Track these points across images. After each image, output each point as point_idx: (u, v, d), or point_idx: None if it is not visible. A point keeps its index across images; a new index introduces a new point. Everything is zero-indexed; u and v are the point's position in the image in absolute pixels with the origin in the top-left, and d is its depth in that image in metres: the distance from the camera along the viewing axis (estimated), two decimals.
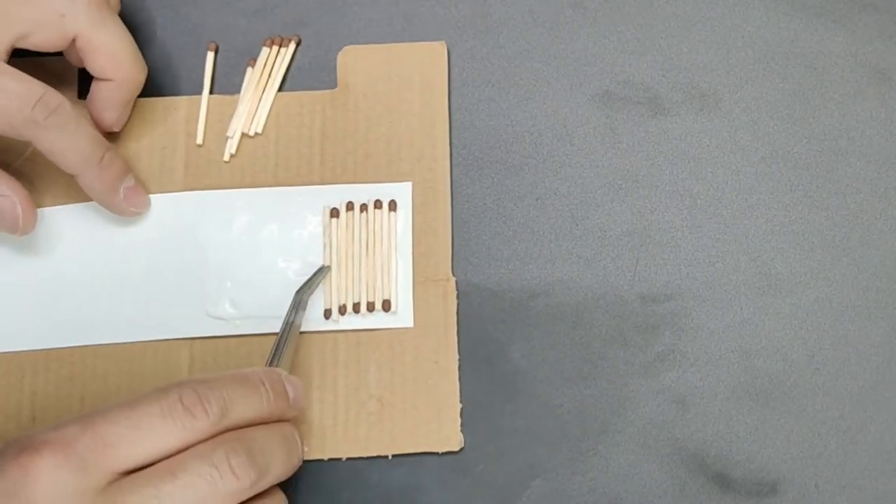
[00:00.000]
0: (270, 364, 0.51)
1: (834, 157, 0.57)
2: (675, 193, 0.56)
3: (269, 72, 0.57)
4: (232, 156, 0.56)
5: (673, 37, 0.58)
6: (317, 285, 0.54)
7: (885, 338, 0.54)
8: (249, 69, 0.57)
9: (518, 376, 0.54)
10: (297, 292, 0.53)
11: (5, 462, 0.41)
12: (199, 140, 0.56)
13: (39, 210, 0.54)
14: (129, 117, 0.56)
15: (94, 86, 0.53)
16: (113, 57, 0.53)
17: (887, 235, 0.56)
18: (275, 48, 0.58)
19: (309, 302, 0.54)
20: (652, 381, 0.54)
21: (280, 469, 0.46)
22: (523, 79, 0.58)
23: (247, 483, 0.44)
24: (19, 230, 0.51)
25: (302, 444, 0.49)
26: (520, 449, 0.53)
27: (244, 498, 0.44)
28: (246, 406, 0.46)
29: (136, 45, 0.54)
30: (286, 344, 0.52)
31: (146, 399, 0.44)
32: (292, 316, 0.52)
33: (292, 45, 0.58)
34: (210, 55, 0.58)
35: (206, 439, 0.44)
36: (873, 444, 0.53)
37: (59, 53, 0.54)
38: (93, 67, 0.53)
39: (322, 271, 0.54)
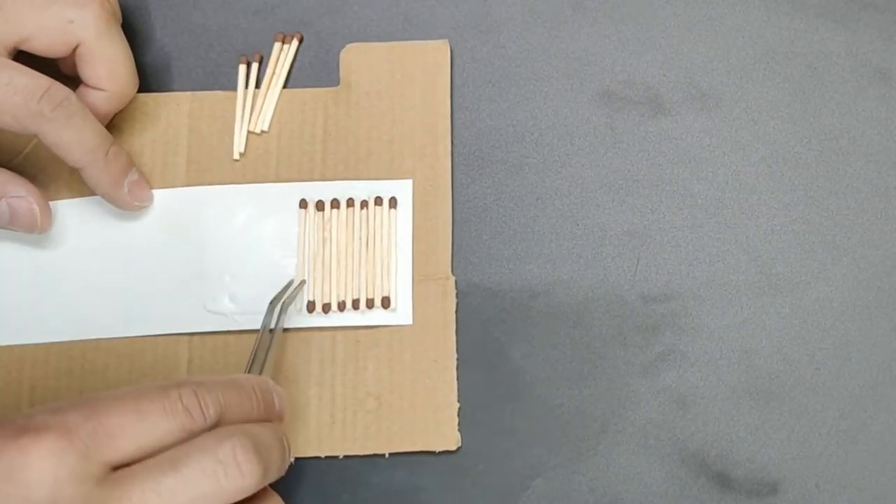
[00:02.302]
0: (248, 372, 0.50)
1: (834, 156, 0.57)
2: (676, 193, 0.56)
3: (272, 69, 0.58)
4: (241, 154, 0.56)
5: (673, 37, 0.58)
6: (293, 297, 0.54)
7: (885, 338, 0.54)
8: (242, 66, 0.57)
9: (518, 376, 0.54)
10: (271, 303, 0.53)
11: (1, 442, 0.40)
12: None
13: None
14: (132, 113, 0.56)
15: (83, 93, 0.53)
16: (112, 68, 0.53)
17: (887, 235, 0.56)
18: (277, 45, 0.58)
19: (291, 308, 0.54)
20: (652, 381, 0.54)
21: (277, 469, 0.46)
22: (524, 78, 0.58)
23: (252, 481, 0.43)
24: (37, 229, 0.53)
25: (290, 448, 0.48)
26: (520, 449, 0.53)
27: (247, 495, 0.44)
28: (239, 411, 0.45)
29: (133, 60, 0.54)
30: (267, 353, 0.51)
31: (148, 394, 0.43)
32: (270, 323, 0.52)
33: (295, 43, 0.58)
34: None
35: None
36: (873, 444, 0.53)
37: (54, 61, 0.54)
38: (88, 76, 0.53)
39: (292, 285, 0.54)
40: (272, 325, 0.52)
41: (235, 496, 0.43)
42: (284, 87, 0.57)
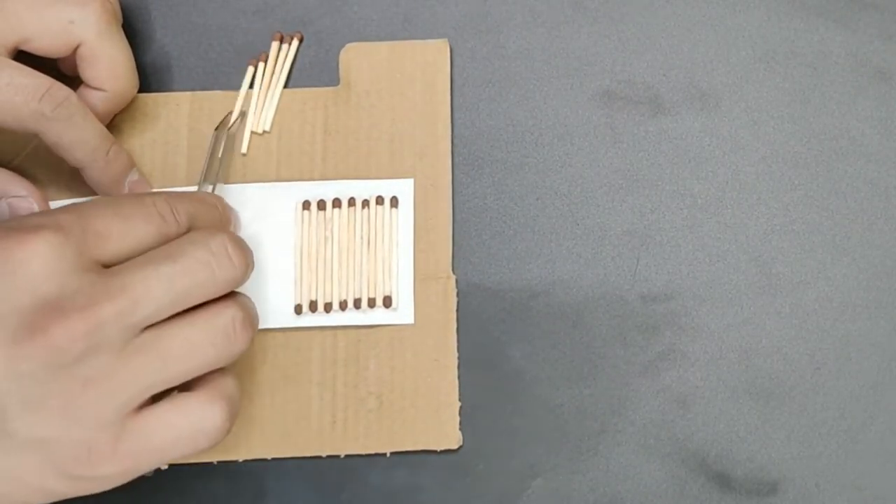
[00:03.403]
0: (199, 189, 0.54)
1: (834, 156, 0.57)
2: (676, 193, 0.56)
3: (272, 69, 0.58)
4: (243, 155, 0.56)
5: (673, 37, 0.58)
6: (236, 125, 0.55)
7: (886, 338, 0.55)
8: (251, 67, 0.58)
9: (518, 376, 0.54)
10: (216, 129, 0.55)
11: (1, 243, 0.42)
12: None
13: None
14: (132, 113, 0.56)
15: (83, 93, 0.53)
16: (113, 69, 0.53)
17: (887, 235, 0.56)
18: (275, 44, 0.58)
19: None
20: (652, 381, 0.54)
21: (251, 269, 0.48)
22: (524, 78, 0.58)
23: (241, 273, 0.45)
24: None
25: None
26: (520, 449, 0.53)
27: (236, 286, 0.46)
28: (205, 221, 0.48)
29: (133, 61, 0.54)
30: (216, 177, 0.54)
31: (127, 201, 0.46)
32: (214, 150, 0.55)
33: (295, 42, 0.58)
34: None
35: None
36: (873, 444, 0.53)
37: (54, 61, 0.54)
38: (89, 76, 0.53)
39: (234, 112, 0.56)
40: (220, 152, 0.55)
41: (227, 286, 0.45)
42: (284, 87, 0.57)
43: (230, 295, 0.46)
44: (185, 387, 0.45)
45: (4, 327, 0.41)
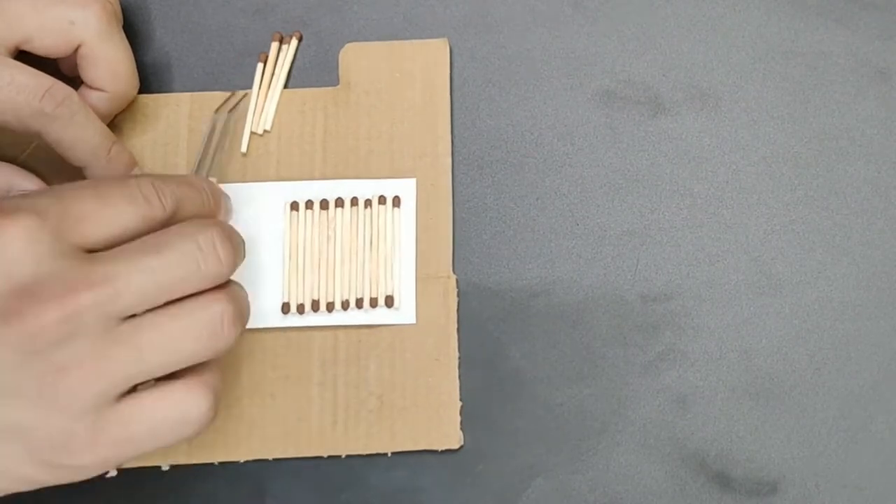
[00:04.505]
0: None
1: (834, 156, 0.57)
2: (676, 193, 0.56)
3: (272, 69, 0.58)
4: (243, 155, 0.56)
5: (673, 37, 0.58)
6: (236, 109, 0.55)
7: (886, 338, 0.55)
8: (260, 65, 0.58)
9: (518, 376, 0.54)
10: (215, 112, 0.55)
11: None
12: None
13: None
14: (132, 114, 0.56)
15: (84, 93, 0.53)
16: (113, 69, 0.53)
17: (887, 235, 0.56)
18: (275, 45, 0.58)
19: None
20: (652, 381, 0.54)
21: (240, 260, 0.47)
22: (524, 78, 0.58)
23: (227, 269, 0.44)
24: None
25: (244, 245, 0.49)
26: (520, 449, 0.53)
27: (221, 282, 0.45)
28: (192, 205, 0.47)
29: (134, 62, 0.54)
30: (211, 162, 0.54)
31: (109, 183, 0.44)
32: (211, 130, 0.54)
33: (294, 42, 0.58)
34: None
35: (159, 227, 0.45)
36: (873, 444, 0.53)
37: (54, 61, 0.54)
38: (89, 77, 0.53)
39: (236, 95, 0.56)
40: (215, 137, 0.54)
41: (211, 282, 0.44)
42: (284, 87, 0.57)
43: (222, 286, 0.45)
44: (169, 374, 0.44)
45: None
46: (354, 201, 0.55)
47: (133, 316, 0.42)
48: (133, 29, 0.58)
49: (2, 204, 0.42)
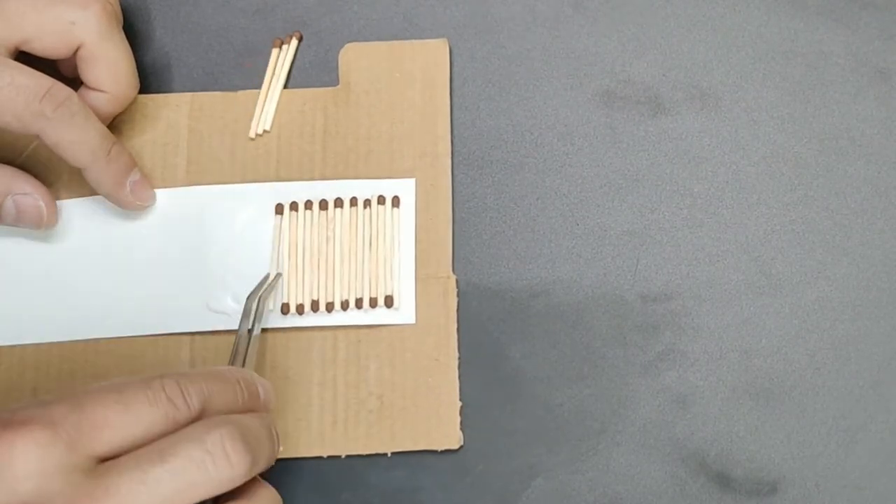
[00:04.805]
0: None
1: (834, 156, 0.57)
2: (676, 193, 0.56)
3: (272, 70, 0.58)
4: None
5: (673, 37, 0.58)
6: (269, 291, 0.53)
7: (885, 338, 0.54)
8: (275, 50, 0.58)
9: (518, 376, 0.54)
10: (248, 298, 0.53)
11: None
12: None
13: None
14: (132, 114, 0.56)
15: (83, 94, 0.53)
16: (113, 70, 0.53)
17: (887, 235, 0.56)
18: (275, 51, 0.58)
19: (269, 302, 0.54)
20: (652, 381, 0.54)
21: (266, 458, 0.45)
22: (524, 78, 0.58)
23: (240, 470, 0.42)
24: (43, 225, 0.53)
25: (279, 437, 0.47)
26: (520, 449, 0.53)
27: (235, 485, 0.43)
28: (222, 401, 0.45)
29: (134, 62, 0.54)
30: (248, 348, 0.51)
31: (132, 385, 0.43)
32: (248, 319, 0.52)
33: (294, 42, 0.58)
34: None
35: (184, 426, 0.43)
36: (873, 444, 0.53)
37: (54, 62, 0.54)
38: (90, 78, 0.53)
39: (269, 278, 0.54)
40: (251, 322, 0.52)
41: (224, 486, 0.42)
42: (284, 87, 0.57)
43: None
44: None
45: None
46: (354, 201, 0.55)
47: None
48: (133, 29, 0.58)
49: (16, 415, 0.41)
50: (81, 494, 0.40)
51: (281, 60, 0.58)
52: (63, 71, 0.54)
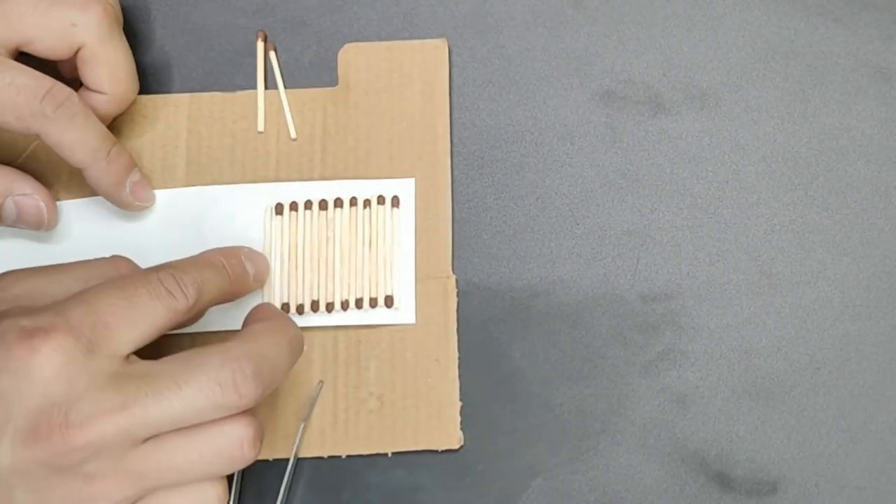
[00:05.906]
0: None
1: (834, 156, 0.57)
2: (676, 193, 0.56)
3: (263, 68, 0.58)
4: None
5: (673, 37, 0.58)
6: (312, 404, 0.54)
7: (886, 338, 0.55)
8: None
9: (518, 376, 0.54)
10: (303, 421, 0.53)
11: (8, 345, 0.42)
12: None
13: None
14: (132, 115, 0.56)
15: (84, 96, 0.53)
16: (114, 72, 0.53)
17: (887, 235, 0.56)
18: (260, 44, 0.58)
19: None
20: (652, 381, 0.54)
21: (283, 375, 0.47)
22: (524, 78, 0.58)
23: (248, 401, 0.44)
24: (44, 226, 0.54)
25: (302, 341, 0.49)
26: (520, 449, 0.53)
27: (242, 410, 0.45)
28: (214, 286, 0.48)
29: (134, 64, 0.54)
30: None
31: (132, 281, 0.45)
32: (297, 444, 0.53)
33: (261, 44, 0.58)
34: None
35: (185, 317, 0.46)
36: (873, 444, 0.53)
37: (54, 63, 0.54)
38: (90, 79, 0.53)
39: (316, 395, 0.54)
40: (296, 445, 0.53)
41: (229, 413, 0.44)
42: (284, 87, 0.57)
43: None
44: None
45: (15, 427, 0.42)
46: (354, 201, 0.55)
47: (154, 436, 0.44)
48: (133, 29, 0.58)
49: (37, 322, 0.43)
50: (104, 403, 0.42)
51: (269, 58, 0.58)
52: (63, 72, 0.54)
